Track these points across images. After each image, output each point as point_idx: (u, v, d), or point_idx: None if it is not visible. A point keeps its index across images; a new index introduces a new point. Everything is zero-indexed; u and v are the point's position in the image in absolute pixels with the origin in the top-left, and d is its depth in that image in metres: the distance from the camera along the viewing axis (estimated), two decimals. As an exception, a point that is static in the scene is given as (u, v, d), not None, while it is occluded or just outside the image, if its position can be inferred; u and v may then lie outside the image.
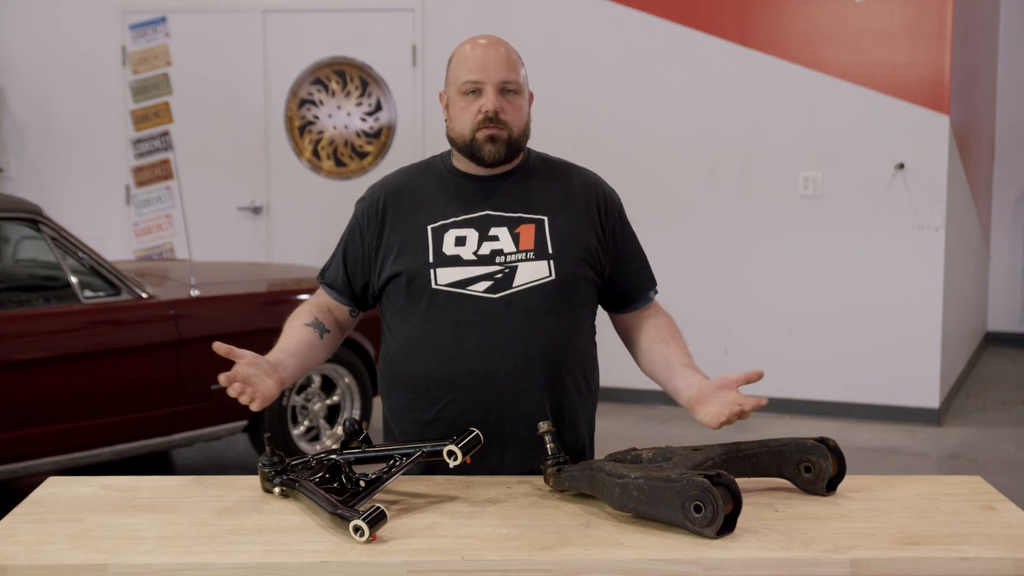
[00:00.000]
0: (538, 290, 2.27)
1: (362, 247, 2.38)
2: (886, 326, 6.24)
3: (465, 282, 2.27)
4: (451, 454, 2.09)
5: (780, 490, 2.16)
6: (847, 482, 2.17)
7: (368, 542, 1.86)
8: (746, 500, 1.96)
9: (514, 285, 2.27)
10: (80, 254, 4.61)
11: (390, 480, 2.08)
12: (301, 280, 5.59)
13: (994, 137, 8.40)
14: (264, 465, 2.14)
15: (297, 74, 7.07)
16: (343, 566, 1.81)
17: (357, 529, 1.86)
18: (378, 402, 4.61)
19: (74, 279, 4.59)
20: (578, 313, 2.33)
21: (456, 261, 2.28)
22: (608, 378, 2.78)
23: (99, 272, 4.65)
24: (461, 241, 2.29)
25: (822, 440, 2.13)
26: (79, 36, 7.27)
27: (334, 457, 2.16)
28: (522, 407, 2.26)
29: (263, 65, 7.09)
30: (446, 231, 2.30)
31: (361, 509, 1.90)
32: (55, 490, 2.18)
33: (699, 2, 6.41)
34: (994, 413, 6.58)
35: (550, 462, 2.14)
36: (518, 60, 2.32)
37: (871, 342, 6.27)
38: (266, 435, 2.21)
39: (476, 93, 2.28)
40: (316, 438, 5.32)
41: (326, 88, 7.05)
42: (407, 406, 2.33)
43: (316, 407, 5.31)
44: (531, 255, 2.29)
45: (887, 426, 6.19)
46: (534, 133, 2.36)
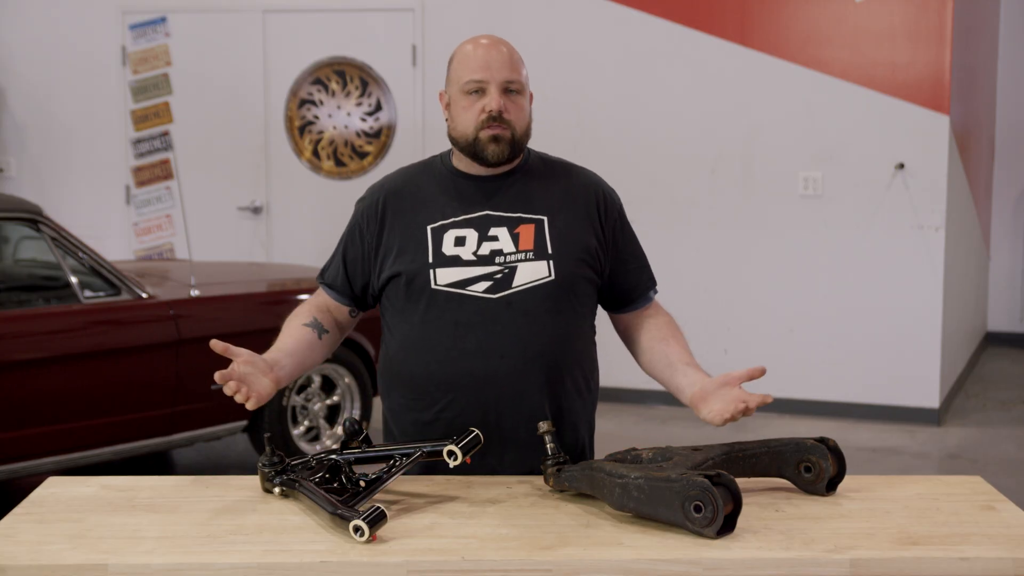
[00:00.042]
0: (538, 290, 2.27)
1: (362, 247, 2.38)
2: (886, 326, 6.24)
3: (464, 282, 2.27)
4: (451, 454, 2.09)
5: (780, 490, 2.16)
6: (847, 482, 2.17)
7: (368, 542, 1.86)
8: (746, 500, 1.96)
9: (514, 285, 2.26)
10: (80, 254, 4.61)
11: (390, 480, 2.08)
12: (301, 280, 5.59)
13: (994, 137, 8.40)
14: (264, 465, 2.14)
15: (297, 74, 7.07)
16: (343, 566, 1.81)
17: (357, 529, 1.86)
18: (378, 402, 4.61)
19: (74, 279, 4.59)
20: (578, 313, 2.33)
21: (455, 261, 2.28)
22: (608, 378, 2.78)
23: (99, 272, 4.65)
24: (460, 241, 2.29)
25: (822, 440, 2.13)
26: (79, 36, 7.27)
27: (334, 457, 2.16)
28: (522, 407, 2.26)
29: (263, 65, 7.09)
30: (445, 231, 2.30)
31: (361, 509, 1.90)
32: (55, 490, 2.17)
33: (699, 2, 6.41)
34: (994, 413, 6.58)
35: (550, 462, 2.14)
36: (520, 60, 2.32)
37: (871, 342, 6.27)
38: (266, 435, 2.21)
39: (479, 93, 2.27)
40: (316, 438, 5.32)
41: (326, 88, 7.05)
42: (407, 406, 2.33)
43: (316, 407, 5.31)
44: (531, 255, 2.28)
45: (887, 426, 6.19)
46: (534, 133, 2.36)
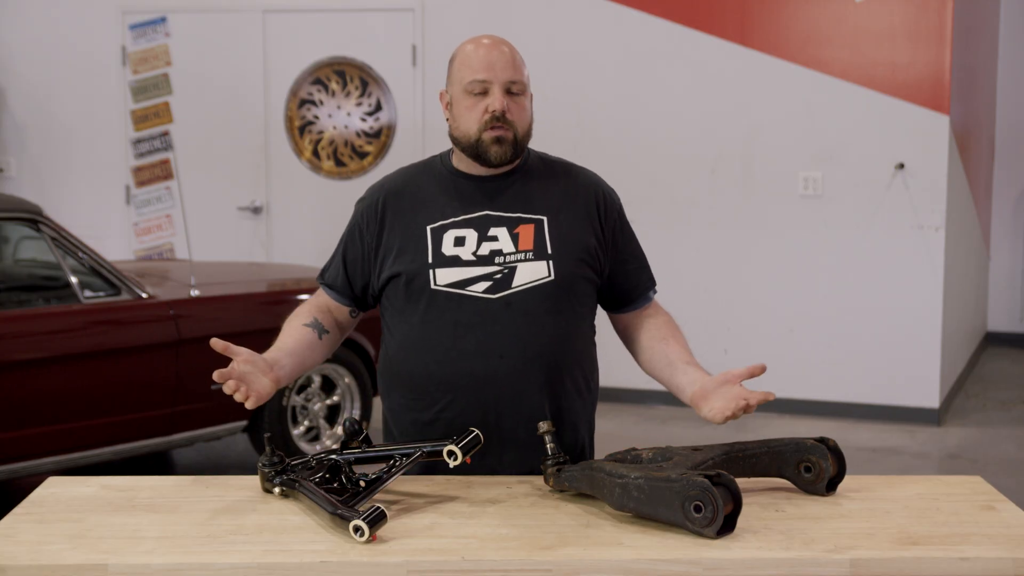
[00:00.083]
0: (537, 290, 2.27)
1: (362, 247, 2.37)
2: (886, 326, 6.24)
3: (464, 282, 2.26)
4: (451, 454, 2.09)
5: (780, 490, 2.16)
6: (847, 482, 2.17)
7: (368, 542, 1.86)
8: (746, 500, 1.96)
9: (513, 285, 2.26)
10: (80, 254, 4.61)
11: (390, 480, 2.08)
12: (301, 280, 5.59)
13: (994, 137, 8.40)
14: (264, 465, 2.14)
15: (297, 74, 7.08)
16: (343, 566, 1.81)
17: (357, 529, 1.86)
18: (378, 402, 4.61)
19: (74, 279, 4.59)
20: (577, 313, 2.33)
21: (455, 261, 2.28)
22: (608, 378, 2.78)
23: (99, 272, 4.65)
24: (460, 241, 2.29)
25: (822, 440, 2.13)
26: (79, 36, 7.27)
27: (334, 457, 2.16)
28: (521, 408, 2.25)
29: (263, 65, 7.09)
30: (445, 231, 2.30)
31: (361, 509, 1.90)
32: (55, 490, 2.17)
33: (699, 2, 6.41)
34: (994, 413, 6.58)
35: (550, 462, 2.14)
36: (522, 60, 2.32)
37: (871, 342, 6.27)
38: (266, 435, 2.21)
39: (482, 93, 2.27)
40: (316, 438, 5.32)
41: (326, 88, 7.05)
42: (406, 406, 2.33)
43: (316, 407, 5.31)
44: (530, 255, 2.28)
45: (887, 426, 6.19)
46: (534, 133, 2.36)
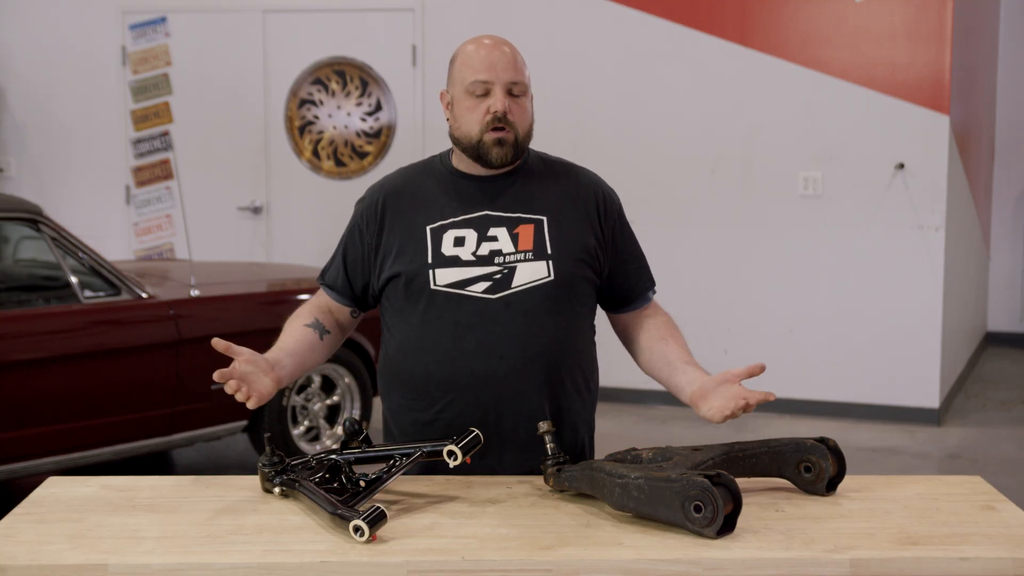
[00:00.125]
0: (537, 290, 2.27)
1: (361, 248, 2.37)
2: (886, 326, 6.24)
3: (464, 283, 2.26)
4: (451, 454, 2.09)
5: (780, 490, 2.16)
6: (847, 482, 2.17)
7: (368, 542, 1.86)
8: (746, 500, 1.96)
9: (513, 286, 2.26)
10: (80, 254, 4.61)
11: (390, 480, 2.08)
12: (301, 280, 5.59)
13: (994, 137, 8.40)
14: (264, 465, 2.14)
15: (297, 74, 7.08)
16: (343, 566, 1.80)
17: (357, 529, 1.86)
18: (378, 402, 4.61)
19: (74, 279, 4.58)
20: (577, 313, 2.33)
21: (455, 262, 2.28)
22: (608, 378, 2.78)
23: (99, 272, 4.65)
24: (460, 242, 2.29)
25: (822, 440, 2.13)
26: (79, 36, 7.27)
27: (334, 457, 2.16)
28: (521, 408, 2.25)
29: (263, 65, 7.09)
30: (445, 231, 2.30)
31: (361, 509, 1.90)
32: (55, 490, 2.17)
33: (699, 2, 6.41)
34: (994, 413, 6.58)
35: (550, 462, 2.14)
36: (523, 61, 2.31)
37: (871, 342, 6.27)
38: (266, 435, 2.21)
39: (484, 94, 2.26)
40: (316, 438, 5.32)
41: (326, 88, 7.05)
42: (406, 406, 2.33)
43: (316, 407, 5.31)
44: (530, 255, 2.28)
45: (887, 426, 6.19)
46: (534, 133, 2.35)
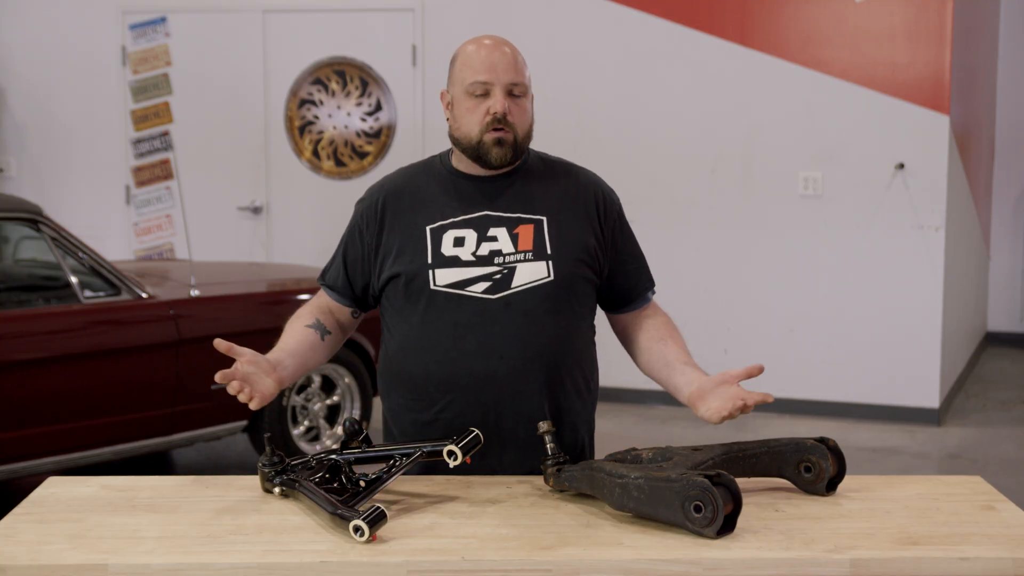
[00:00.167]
0: (537, 291, 2.27)
1: (362, 248, 2.37)
2: (886, 326, 6.24)
3: (464, 283, 2.26)
4: (451, 454, 2.09)
5: (780, 490, 2.16)
6: (847, 482, 2.17)
7: (368, 542, 1.86)
8: (746, 500, 1.96)
9: (513, 286, 2.26)
10: (80, 254, 4.60)
11: (390, 480, 2.08)
12: (301, 280, 5.59)
13: (994, 137, 8.40)
14: (264, 465, 2.14)
15: (297, 74, 7.08)
16: (343, 566, 1.81)
17: (357, 529, 1.86)
18: (378, 402, 4.61)
19: (74, 279, 4.58)
20: (577, 313, 2.33)
21: (454, 262, 2.28)
22: (608, 378, 2.78)
23: (99, 272, 4.65)
24: (460, 242, 2.29)
25: (822, 440, 2.13)
26: (79, 36, 7.27)
27: (334, 457, 2.16)
28: (521, 408, 2.25)
29: (263, 65, 7.09)
30: (444, 232, 2.30)
31: (361, 509, 1.90)
32: (55, 490, 2.17)
33: (699, 2, 6.41)
34: (994, 413, 6.58)
35: (550, 462, 2.14)
36: (523, 62, 2.31)
37: (871, 342, 6.27)
38: (266, 435, 2.21)
39: (484, 94, 2.26)
40: (316, 438, 5.32)
41: (326, 88, 7.05)
42: (406, 407, 2.33)
43: (316, 407, 5.31)
44: (530, 256, 2.28)
45: (887, 426, 6.19)
46: (534, 133, 2.35)
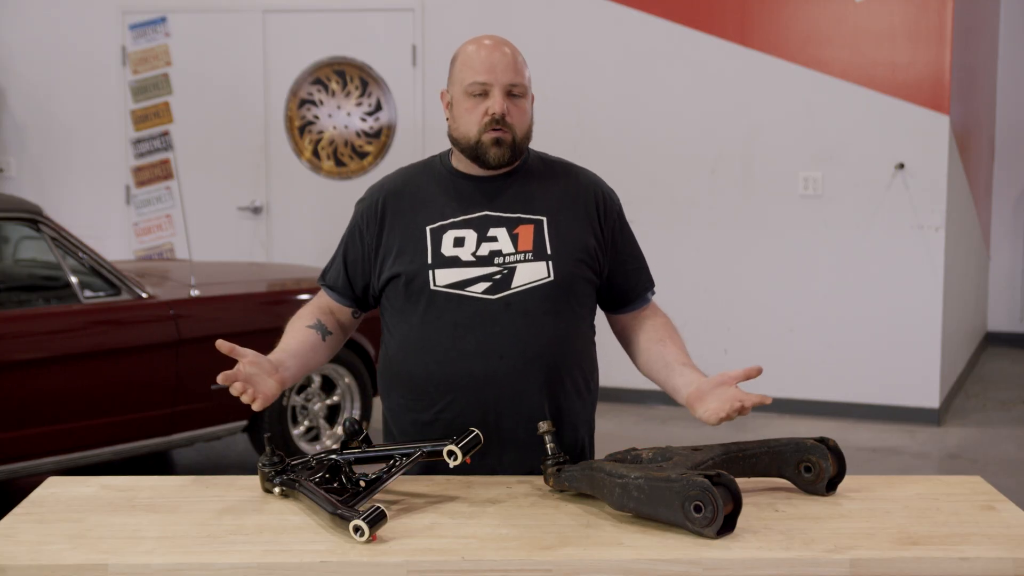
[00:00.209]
0: (537, 291, 2.27)
1: (362, 248, 2.37)
2: (886, 326, 6.24)
3: (463, 283, 2.26)
4: (451, 454, 2.09)
5: (780, 490, 2.16)
6: (847, 482, 2.17)
7: (368, 542, 1.86)
8: (746, 500, 1.96)
9: (513, 286, 2.26)
10: (80, 254, 4.60)
11: (390, 480, 2.08)
12: (301, 280, 5.59)
13: (994, 137, 8.40)
14: (264, 465, 2.14)
15: (297, 74, 7.08)
16: (343, 566, 1.81)
17: (357, 529, 1.86)
18: (378, 402, 4.61)
19: (74, 279, 4.58)
20: (577, 314, 2.33)
21: (454, 262, 2.28)
22: (608, 378, 2.78)
23: (99, 272, 4.65)
24: (460, 242, 2.29)
25: (822, 440, 2.13)
26: (79, 36, 7.27)
27: (334, 457, 2.16)
28: (521, 408, 2.26)
29: (263, 65, 7.09)
30: (444, 232, 2.30)
31: (361, 509, 1.90)
32: (55, 490, 2.17)
33: (699, 2, 6.41)
34: (994, 413, 6.58)
35: (550, 462, 2.14)
36: (523, 62, 2.31)
37: (871, 342, 6.27)
38: (266, 435, 2.21)
39: (483, 95, 2.26)
40: (316, 438, 5.32)
41: (326, 88, 7.05)
42: (406, 407, 2.33)
43: (316, 407, 5.31)
44: (530, 256, 2.28)
45: (887, 426, 6.19)
46: (534, 133, 2.35)
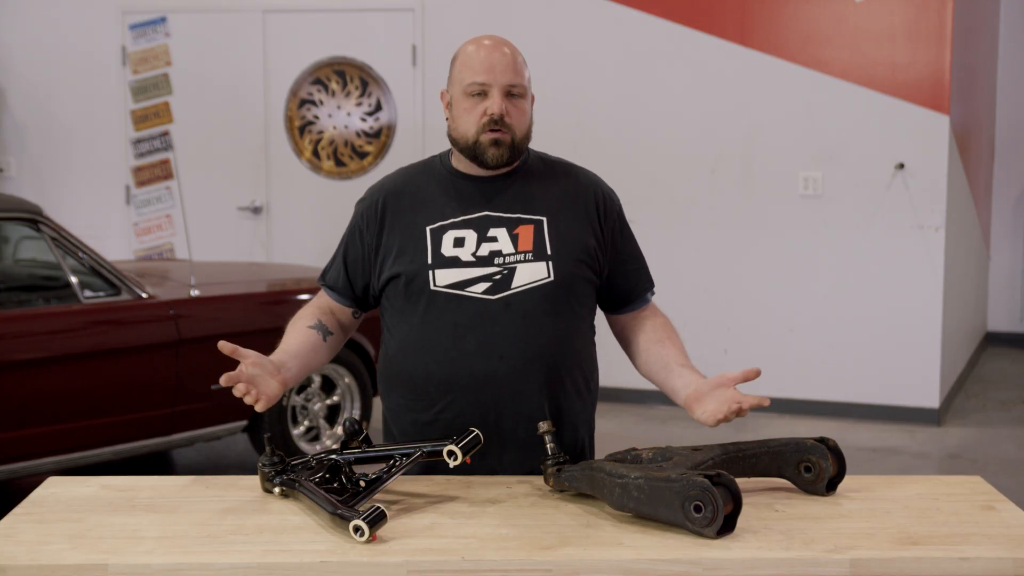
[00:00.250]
0: (537, 291, 2.27)
1: (362, 248, 2.37)
2: (886, 326, 6.24)
3: (464, 283, 2.26)
4: (451, 454, 2.09)
5: (780, 490, 2.16)
6: (847, 482, 2.17)
7: (368, 542, 1.86)
8: (746, 500, 1.96)
9: (513, 286, 2.26)
10: (80, 254, 4.60)
11: (390, 480, 2.08)
12: (301, 280, 5.59)
13: (994, 137, 8.40)
14: (264, 465, 2.14)
15: (297, 74, 7.07)
16: (343, 566, 1.81)
17: (357, 529, 1.86)
18: (378, 402, 4.61)
19: (74, 279, 4.58)
20: (577, 314, 2.33)
21: (454, 262, 2.28)
22: (608, 378, 2.78)
23: (99, 272, 4.65)
24: (460, 242, 2.29)
25: (822, 440, 2.13)
26: (79, 36, 7.27)
27: (334, 457, 2.16)
28: (521, 408, 2.26)
29: (263, 65, 7.09)
30: (444, 232, 2.30)
31: (361, 509, 1.90)
32: (55, 490, 2.17)
33: (699, 2, 6.41)
34: (994, 413, 6.58)
35: (550, 462, 2.14)
36: (523, 62, 2.31)
37: (871, 342, 6.27)
38: (266, 435, 2.21)
39: (482, 95, 2.27)
40: (316, 438, 5.32)
41: (326, 88, 7.05)
42: (406, 407, 2.33)
43: (316, 407, 5.31)
44: (530, 256, 2.28)
45: (887, 426, 6.19)
46: (534, 133, 2.36)
